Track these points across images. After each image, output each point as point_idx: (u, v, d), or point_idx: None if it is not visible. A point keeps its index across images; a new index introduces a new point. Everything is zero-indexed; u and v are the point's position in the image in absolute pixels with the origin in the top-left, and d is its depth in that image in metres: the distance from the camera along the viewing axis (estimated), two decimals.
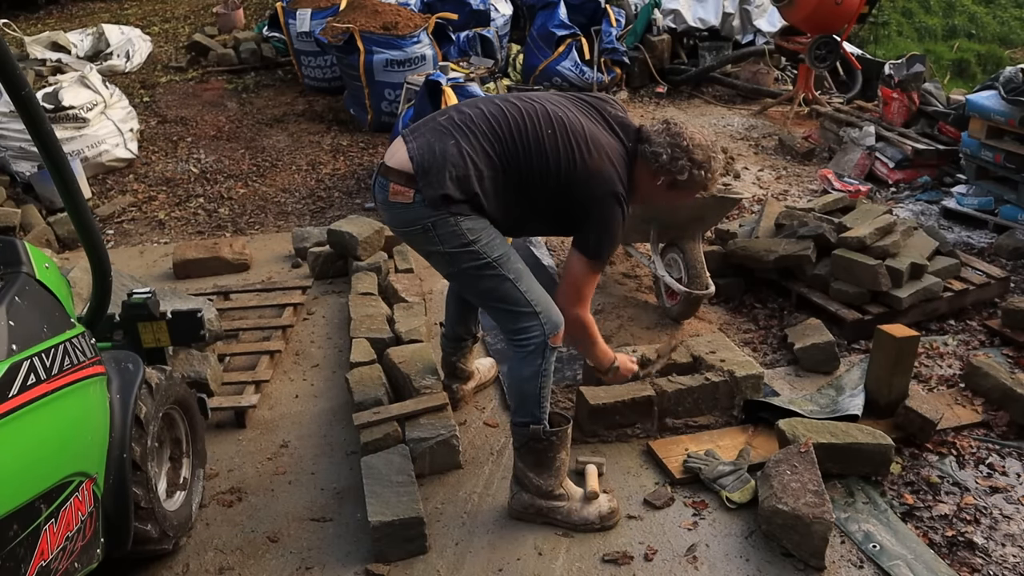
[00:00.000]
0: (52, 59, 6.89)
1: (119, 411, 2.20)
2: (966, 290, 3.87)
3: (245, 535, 2.58)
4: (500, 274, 2.40)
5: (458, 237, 2.35)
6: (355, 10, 6.95)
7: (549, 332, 2.43)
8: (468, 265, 2.40)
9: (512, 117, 2.41)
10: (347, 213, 5.20)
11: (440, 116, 2.48)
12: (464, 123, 2.40)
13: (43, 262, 2.11)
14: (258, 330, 3.80)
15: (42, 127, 1.94)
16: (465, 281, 2.53)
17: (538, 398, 2.46)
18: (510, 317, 2.46)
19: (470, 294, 2.71)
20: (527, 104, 2.46)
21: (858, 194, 5.14)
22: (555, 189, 2.41)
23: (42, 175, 5.36)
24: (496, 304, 2.48)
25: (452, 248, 2.37)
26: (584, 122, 2.46)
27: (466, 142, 2.36)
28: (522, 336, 2.45)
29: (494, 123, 2.40)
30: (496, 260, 2.39)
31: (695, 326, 3.76)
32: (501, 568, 2.41)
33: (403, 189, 2.35)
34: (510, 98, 2.52)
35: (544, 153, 2.38)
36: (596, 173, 2.39)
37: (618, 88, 7.97)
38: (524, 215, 2.51)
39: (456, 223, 2.33)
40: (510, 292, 2.42)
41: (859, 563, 2.39)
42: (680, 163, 2.46)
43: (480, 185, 2.36)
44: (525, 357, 2.45)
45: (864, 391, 3.03)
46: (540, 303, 2.45)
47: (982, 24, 12.55)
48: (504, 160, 2.38)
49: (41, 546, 1.76)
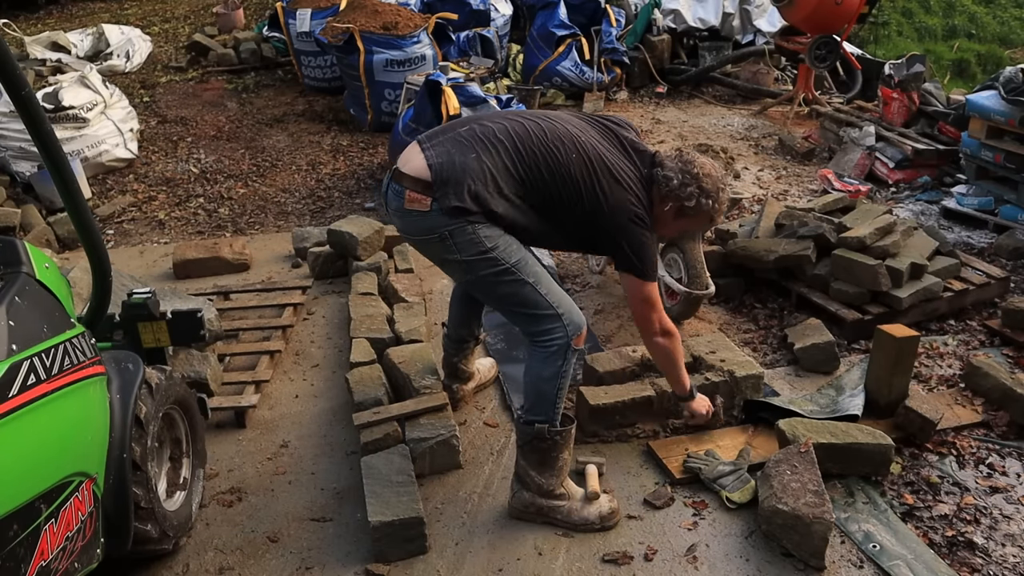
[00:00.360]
0: (52, 59, 6.89)
1: (119, 411, 2.20)
2: (966, 290, 3.87)
3: (245, 535, 2.58)
4: (520, 279, 2.40)
5: (476, 245, 2.34)
6: (355, 10, 6.95)
7: (572, 333, 2.43)
8: (486, 272, 2.39)
9: (537, 138, 2.40)
10: (347, 213, 5.20)
11: (460, 127, 2.47)
12: (487, 137, 2.39)
13: (43, 262, 2.11)
14: (258, 330, 3.80)
15: (42, 127, 1.94)
16: (484, 288, 2.52)
17: (554, 399, 2.47)
18: (532, 320, 2.46)
19: (489, 300, 2.70)
20: (551, 125, 2.46)
21: (858, 194, 5.14)
22: (580, 215, 2.42)
23: (42, 175, 5.36)
24: (517, 309, 2.47)
25: (469, 256, 2.36)
26: (607, 148, 2.48)
27: (488, 157, 2.35)
28: (545, 338, 2.45)
29: (518, 142, 2.39)
30: (515, 265, 2.39)
31: (695, 326, 3.76)
32: (501, 568, 2.41)
33: (420, 197, 2.34)
34: (535, 117, 2.51)
35: (568, 178, 2.38)
36: (620, 201, 2.42)
37: (618, 88, 7.98)
38: (545, 233, 2.51)
39: (474, 231, 2.33)
40: (530, 296, 2.42)
41: (859, 563, 2.39)
42: (689, 189, 2.48)
43: (498, 202, 2.35)
44: (547, 358, 2.45)
45: (864, 391, 3.03)
46: (562, 304, 2.45)
47: (982, 24, 12.55)
48: (527, 180, 2.38)
49: (41, 546, 1.76)
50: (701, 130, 7.07)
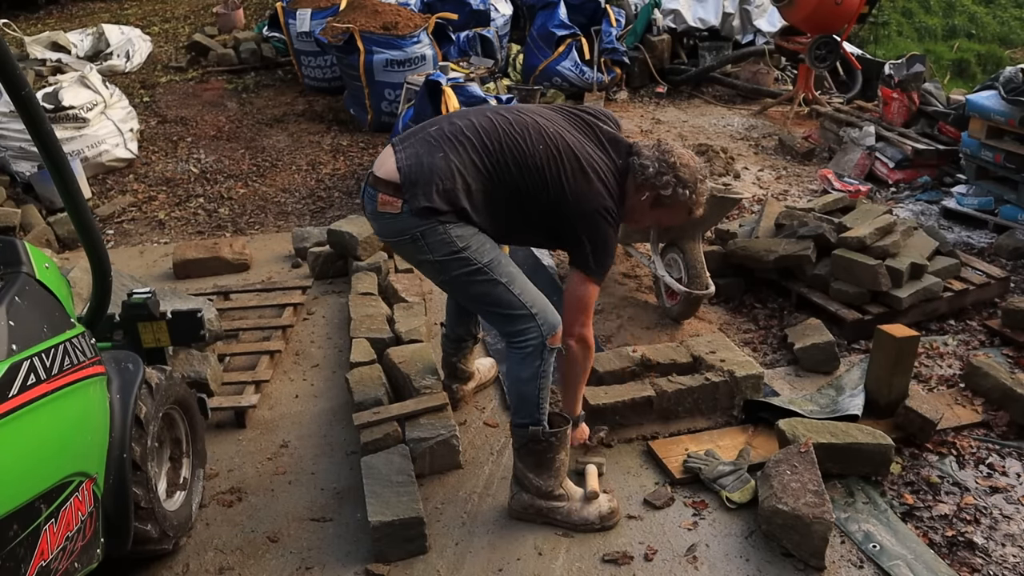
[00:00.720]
0: (52, 59, 6.89)
1: (119, 411, 2.20)
2: (966, 290, 3.87)
3: (245, 535, 2.58)
4: (492, 279, 2.40)
5: (447, 245, 2.34)
6: (355, 10, 6.95)
7: (547, 333, 2.43)
8: (459, 272, 2.39)
9: (503, 130, 2.40)
10: (347, 213, 5.20)
11: (431, 127, 2.48)
12: (454, 135, 2.40)
13: (43, 262, 2.11)
14: (258, 330, 3.80)
15: (42, 127, 1.94)
16: (457, 288, 2.53)
17: (537, 399, 2.47)
18: (506, 320, 2.46)
19: (465, 300, 2.72)
20: (518, 117, 2.46)
21: (858, 194, 5.14)
22: (546, 205, 2.41)
23: (42, 175, 5.36)
24: (490, 308, 2.48)
25: (442, 256, 2.36)
26: (576, 137, 2.46)
27: (455, 155, 2.35)
28: (520, 339, 2.45)
29: (484, 136, 2.39)
30: (487, 265, 2.39)
31: (695, 326, 3.76)
32: (501, 568, 2.41)
33: (391, 199, 2.35)
34: (502, 111, 2.51)
35: (534, 168, 2.37)
36: (585, 190, 2.40)
37: (618, 88, 7.98)
38: (515, 226, 2.51)
39: (445, 231, 2.33)
40: (503, 296, 2.42)
41: (859, 563, 2.39)
42: (665, 178, 2.46)
43: (468, 199, 2.35)
44: (524, 359, 2.45)
45: (864, 391, 3.03)
46: (536, 304, 2.45)
47: (982, 24, 12.56)
48: (494, 174, 2.38)
49: (41, 546, 1.76)
50: (701, 130, 7.07)
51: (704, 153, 6.14)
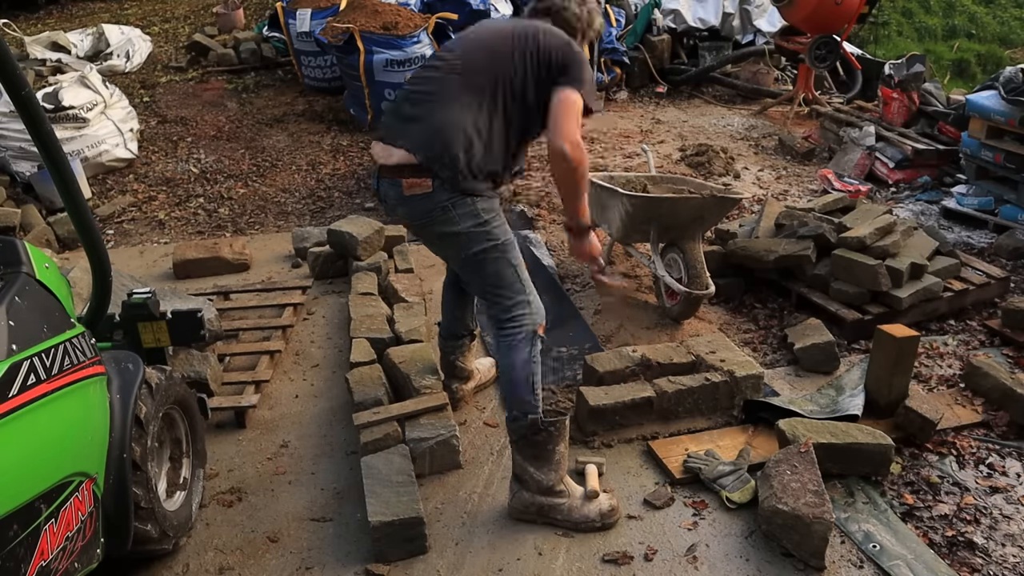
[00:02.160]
0: (52, 59, 6.89)
1: (119, 411, 2.20)
2: (966, 290, 3.87)
3: (245, 535, 2.58)
4: (506, 258, 2.51)
5: (474, 216, 2.44)
6: (355, 10, 6.95)
7: (538, 320, 2.54)
8: (479, 248, 2.48)
9: (467, 55, 2.50)
10: (347, 213, 5.20)
11: (405, 104, 2.52)
12: (431, 93, 2.45)
13: (43, 262, 2.11)
14: (258, 330, 3.80)
15: (42, 127, 1.94)
16: (474, 266, 2.56)
17: (531, 385, 2.50)
18: (506, 304, 2.54)
19: (474, 279, 2.67)
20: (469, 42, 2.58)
21: (858, 194, 5.14)
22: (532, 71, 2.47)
23: (42, 175, 5.36)
24: (496, 290, 2.54)
25: (467, 227, 2.44)
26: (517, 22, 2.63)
27: (443, 109, 2.41)
28: (514, 324, 2.52)
29: (455, 63, 2.48)
30: (504, 244, 2.51)
31: (695, 326, 3.76)
32: (501, 568, 2.41)
33: (419, 180, 2.41)
34: (450, 46, 2.62)
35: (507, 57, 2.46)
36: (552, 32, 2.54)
37: (618, 88, 7.98)
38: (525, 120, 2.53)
39: (473, 203, 2.43)
40: (511, 277, 2.52)
41: (859, 563, 2.39)
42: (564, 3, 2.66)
43: (482, 136, 2.42)
44: (516, 345, 2.51)
45: (864, 391, 3.03)
46: (532, 292, 2.57)
47: (982, 24, 12.57)
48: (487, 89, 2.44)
49: (41, 546, 1.76)
50: (701, 130, 7.07)
51: (704, 153, 6.15)
